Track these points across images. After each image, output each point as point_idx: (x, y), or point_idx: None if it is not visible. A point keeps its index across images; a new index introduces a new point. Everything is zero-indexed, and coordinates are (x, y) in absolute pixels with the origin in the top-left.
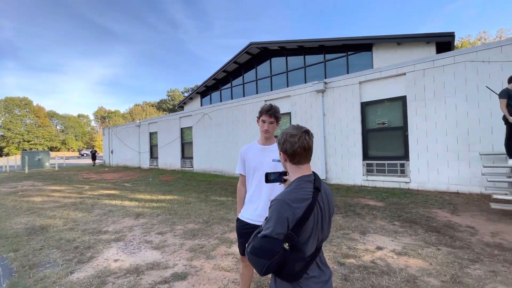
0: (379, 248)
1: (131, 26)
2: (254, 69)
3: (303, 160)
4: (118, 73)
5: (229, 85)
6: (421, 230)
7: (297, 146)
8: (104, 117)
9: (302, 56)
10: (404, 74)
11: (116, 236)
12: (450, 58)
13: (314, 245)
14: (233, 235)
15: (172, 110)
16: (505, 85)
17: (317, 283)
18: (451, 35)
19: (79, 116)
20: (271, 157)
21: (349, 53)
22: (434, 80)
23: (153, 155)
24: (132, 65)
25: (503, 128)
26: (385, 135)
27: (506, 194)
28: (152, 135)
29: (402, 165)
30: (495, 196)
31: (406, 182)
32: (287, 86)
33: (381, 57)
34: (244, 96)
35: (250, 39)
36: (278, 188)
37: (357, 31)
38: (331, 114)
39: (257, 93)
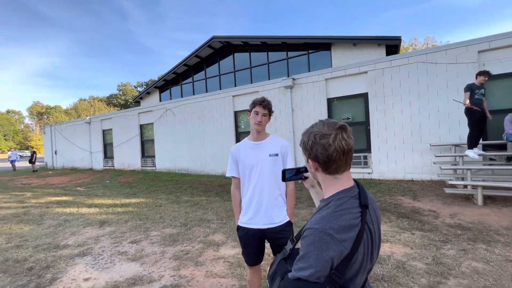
0: None
1: (67, 11)
2: (217, 64)
3: (342, 167)
4: (56, 64)
5: (190, 79)
6: (393, 217)
7: (333, 150)
8: (41, 113)
9: (266, 53)
10: (366, 72)
11: (80, 250)
12: (404, 59)
13: (363, 278)
14: (218, 237)
15: (125, 106)
16: (449, 84)
17: None
18: (399, 39)
19: (8, 112)
20: (266, 153)
21: (310, 51)
22: (391, 79)
23: (107, 154)
24: (74, 55)
25: (448, 122)
26: None
27: (451, 180)
28: (106, 133)
29: (365, 157)
30: (450, 182)
31: (369, 173)
32: (251, 82)
33: (339, 56)
34: (207, 91)
35: (206, 34)
36: (283, 184)
37: (302, 31)
38: (300, 109)
39: (220, 88)
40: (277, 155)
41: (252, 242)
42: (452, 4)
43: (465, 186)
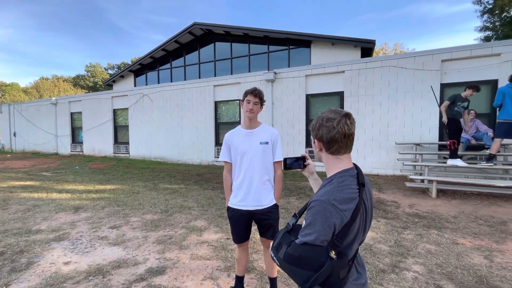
0: None
1: None
2: (197, 51)
3: (343, 149)
4: (12, 37)
5: (168, 65)
6: None
7: (336, 132)
8: None
9: (247, 44)
10: (343, 72)
11: (55, 234)
12: (378, 62)
13: (356, 247)
14: (200, 223)
15: (93, 88)
16: (415, 88)
17: (356, 286)
18: (373, 43)
19: None
20: (258, 141)
21: (291, 47)
22: (366, 79)
23: (75, 139)
24: (33, 29)
25: (411, 123)
26: None
27: (411, 175)
28: (75, 116)
29: None
30: (410, 177)
31: None
32: (231, 73)
33: (318, 54)
34: (185, 79)
35: (184, 19)
36: (271, 170)
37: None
38: (279, 103)
39: (199, 77)
40: (267, 143)
41: (241, 222)
42: (419, 14)
43: (422, 181)
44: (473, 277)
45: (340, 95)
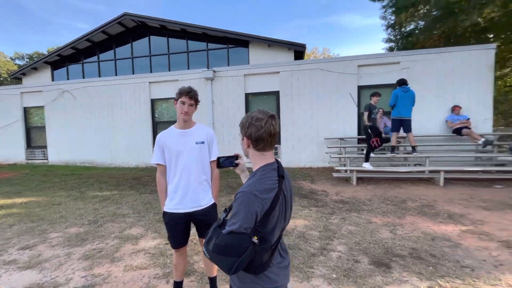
0: None
1: None
2: (130, 45)
3: (268, 147)
4: None
5: (95, 58)
6: (297, 198)
7: (263, 131)
8: None
9: (185, 41)
10: (278, 72)
11: None
12: (309, 64)
13: (278, 233)
14: (136, 231)
15: None
16: (339, 89)
17: (279, 268)
18: (304, 46)
19: None
20: (193, 140)
21: (229, 46)
22: (298, 80)
23: None
24: None
25: (336, 120)
26: None
27: (337, 166)
28: None
29: (276, 149)
30: (336, 168)
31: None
32: (169, 69)
33: (256, 55)
34: (116, 74)
35: (114, 8)
36: (208, 169)
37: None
38: (219, 102)
39: (133, 72)
40: (203, 142)
41: (179, 226)
42: (342, 23)
43: (346, 171)
44: (382, 249)
45: (276, 94)
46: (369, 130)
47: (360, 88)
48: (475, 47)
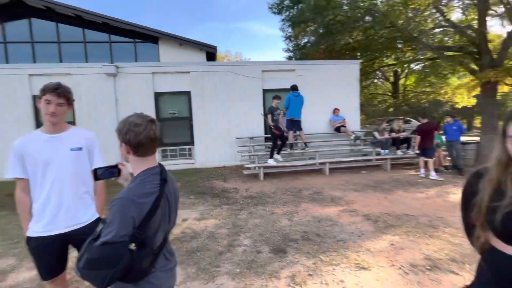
0: (184, 220)
1: None
2: (1, 26)
3: (149, 151)
4: None
5: None
6: (209, 197)
7: (143, 137)
8: None
9: (82, 29)
10: (189, 72)
11: None
12: (220, 66)
13: (162, 237)
14: (6, 262)
15: None
16: (247, 92)
17: (163, 272)
18: (215, 48)
19: None
20: (67, 147)
21: (137, 40)
22: (209, 81)
23: None
24: None
25: (246, 121)
26: (176, 124)
27: (245, 164)
28: None
29: (190, 149)
30: (246, 166)
31: (192, 163)
32: (60, 61)
33: (167, 52)
34: None
35: None
36: (90, 180)
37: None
38: (125, 101)
39: (7, 61)
40: (80, 149)
41: (51, 251)
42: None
43: (255, 168)
44: (280, 236)
45: (188, 94)
46: (273, 130)
47: (265, 91)
48: (346, 61)
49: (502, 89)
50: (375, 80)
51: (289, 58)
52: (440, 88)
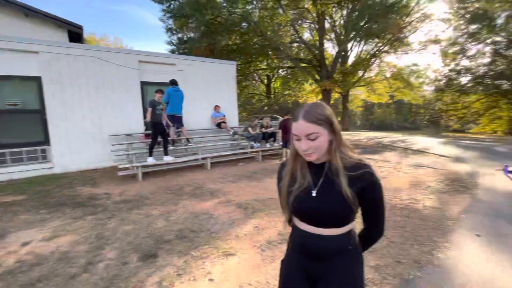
0: (25, 244)
1: None
2: None
3: None
4: None
5: None
6: (69, 209)
7: None
8: None
9: None
10: (37, 52)
11: None
12: (82, 50)
13: None
14: None
15: None
16: (121, 83)
17: None
18: (81, 28)
19: None
20: None
21: None
22: (69, 67)
23: None
24: None
25: (122, 116)
26: (20, 118)
27: (120, 164)
28: None
29: (44, 151)
30: (119, 166)
31: (49, 168)
32: None
33: (8, 23)
34: None
35: None
36: None
37: None
38: None
39: None
40: None
41: None
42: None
43: (133, 168)
44: (154, 240)
45: (37, 80)
46: (154, 126)
47: (143, 84)
48: (225, 61)
49: (334, 95)
50: (253, 82)
51: (172, 51)
52: (298, 92)
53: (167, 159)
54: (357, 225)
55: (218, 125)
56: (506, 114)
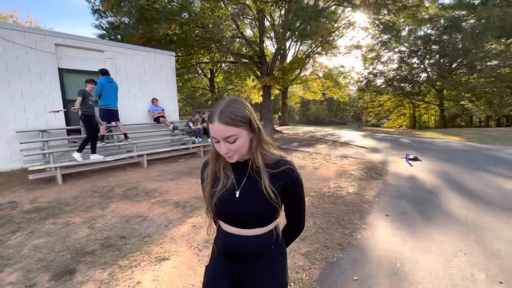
0: None
1: None
2: None
3: None
4: None
5: None
6: None
7: None
8: None
9: None
10: None
11: None
12: None
13: None
14: None
15: None
16: (31, 69)
17: None
18: None
19: None
20: None
21: None
22: None
23: None
24: None
25: (34, 108)
26: None
27: (32, 166)
28: None
29: None
30: (31, 168)
31: None
32: None
33: None
34: None
35: None
36: None
37: None
38: None
39: None
40: None
41: None
42: None
43: (51, 169)
44: (72, 253)
45: None
46: (87, 119)
47: (62, 71)
48: (163, 52)
49: (274, 91)
50: (196, 75)
51: (101, 36)
52: (241, 87)
53: (95, 157)
54: (280, 219)
55: (156, 119)
56: (408, 112)
